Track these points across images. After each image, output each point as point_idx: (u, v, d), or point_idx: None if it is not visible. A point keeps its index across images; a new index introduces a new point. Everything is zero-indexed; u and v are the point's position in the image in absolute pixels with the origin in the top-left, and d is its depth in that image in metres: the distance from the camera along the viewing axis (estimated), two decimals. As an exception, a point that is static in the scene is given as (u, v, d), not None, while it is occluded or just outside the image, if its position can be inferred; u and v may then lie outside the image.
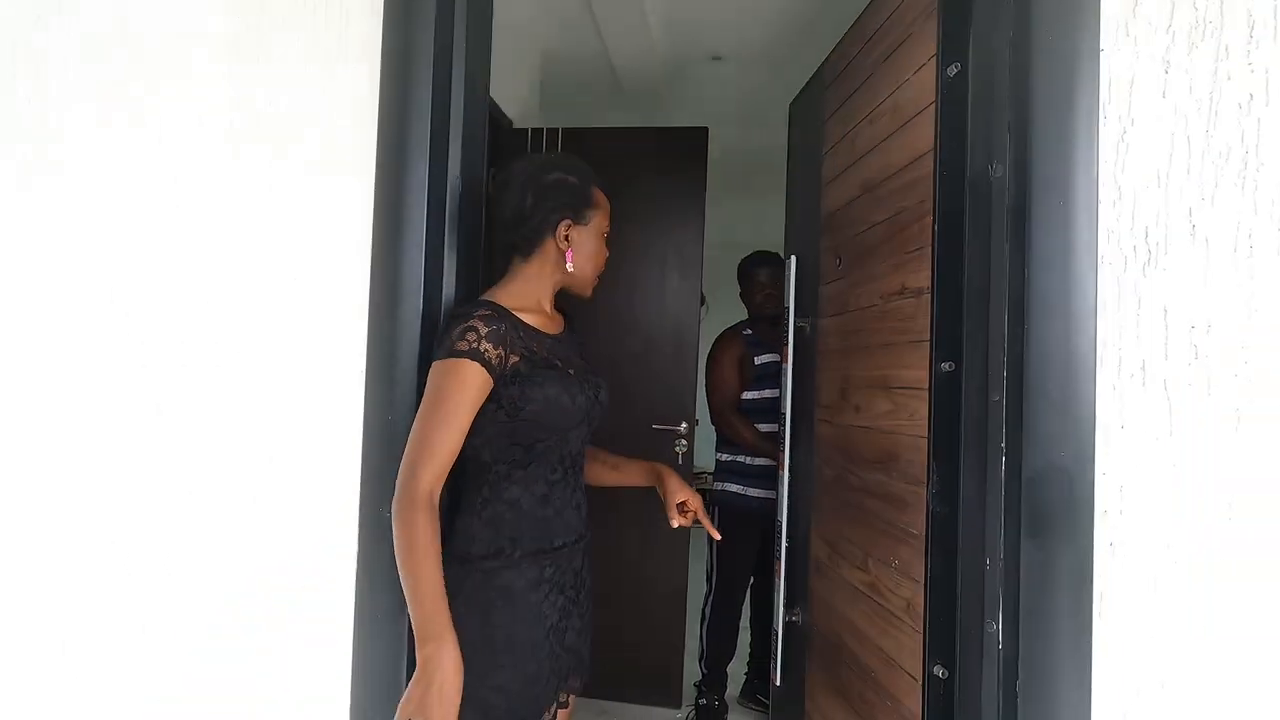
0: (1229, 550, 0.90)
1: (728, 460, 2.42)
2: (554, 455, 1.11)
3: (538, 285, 1.17)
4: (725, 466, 2.42)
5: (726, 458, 2.43)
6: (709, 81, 3.09)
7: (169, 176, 1.13)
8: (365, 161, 1.13)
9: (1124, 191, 0.94)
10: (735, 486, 2.38)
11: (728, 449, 2.43)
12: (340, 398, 1.12)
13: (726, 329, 2.50)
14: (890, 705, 1.31)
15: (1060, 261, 0.95)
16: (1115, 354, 0.93)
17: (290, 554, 1.12)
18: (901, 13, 1.37)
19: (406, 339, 1.10)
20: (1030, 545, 0.94)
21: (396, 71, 1.10)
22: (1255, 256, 0.91)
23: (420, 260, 1.09)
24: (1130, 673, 0.92)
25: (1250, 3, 0.92)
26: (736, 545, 2.32)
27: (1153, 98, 0.94)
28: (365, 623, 1.10)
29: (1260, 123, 0.91)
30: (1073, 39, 0.96)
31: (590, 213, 1.18)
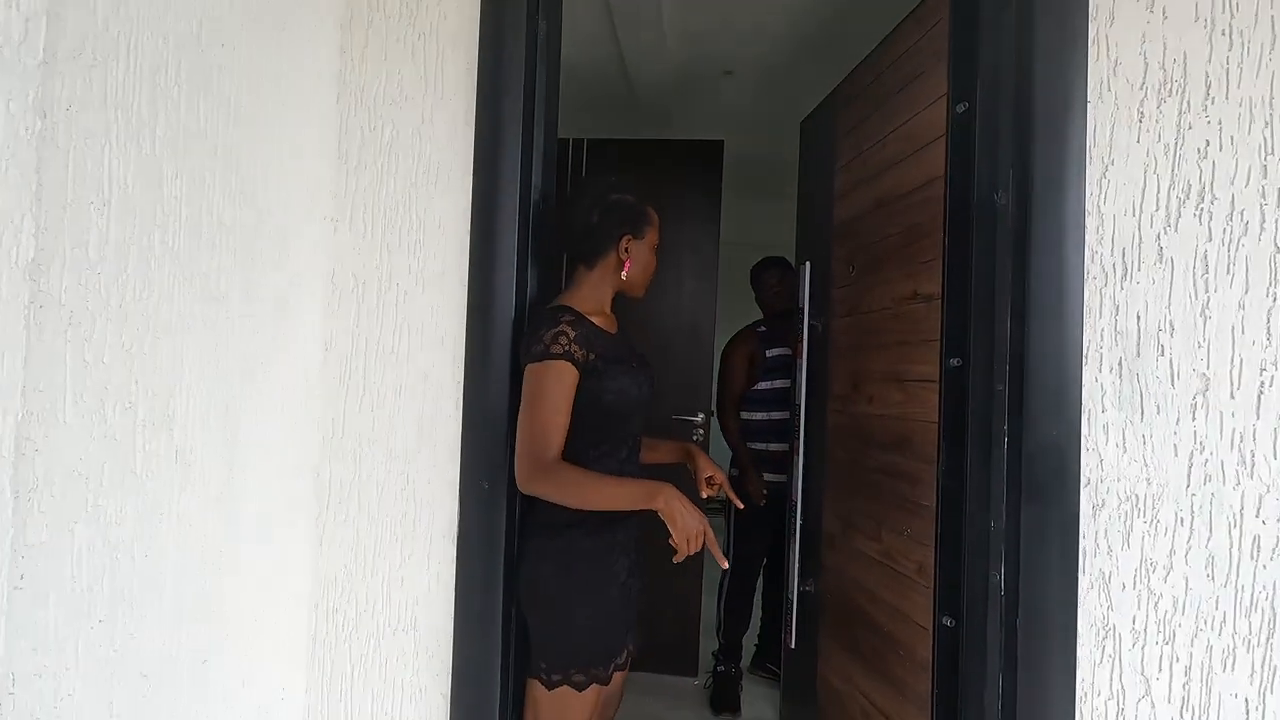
0: (1190, 509, 1.11)
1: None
2: (621, 437, 1.30)
3: (600, 291, 1.35)
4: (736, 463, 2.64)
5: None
6: (720, 95, 3.27)
7: (308, 189, 1.29)
8: (460, 181, 1.30)
9: (1105, 218, 1.15)
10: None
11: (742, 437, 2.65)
12: (441, 389, 1.30)
13: (744, 327, 2.71)
14: (903, 655, 1.51)
15: (1053, 275, 1.15)
16: (1098, 352, 1.14)
17: (404, 516, 1.30)
18: (914, 52, 1.57)
19: (499, 337, 1.28)
20: (1028, 509, 1.15)
21: (491, 108, 1.28)
22: (1210, 273, 1.12)
23: (512, 269, 1.27)
24: (1107, 605, 1.13)
25: (1208, 66, 1.13)
26: (751, 527, 2.53)
27: (1129, 142, 1.14)
28: (465, 564, 1.28)
29: (1215, 165, 1.12)
30: (1065, 91, 1.16)
31: (646, 228, 1.36)
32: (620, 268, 1.34)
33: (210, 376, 1.04)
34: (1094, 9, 1.16)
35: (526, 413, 1.18)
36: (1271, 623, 1.09)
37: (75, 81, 0.81)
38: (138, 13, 0.89)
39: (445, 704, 1.29)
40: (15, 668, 0.77)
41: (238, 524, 1.12)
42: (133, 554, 0.92)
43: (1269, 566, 1.09)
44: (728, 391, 2.62)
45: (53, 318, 0.79)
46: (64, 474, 0.82)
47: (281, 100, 1.19)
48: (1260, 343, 1.10)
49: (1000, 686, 1.17)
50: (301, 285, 1.27)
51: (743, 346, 2.63)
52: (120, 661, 0.91)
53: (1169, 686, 1.12)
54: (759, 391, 2.60)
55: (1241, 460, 1.10)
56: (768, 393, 2.59)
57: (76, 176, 0.81)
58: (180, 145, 0.97)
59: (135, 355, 0.91)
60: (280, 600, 1.26)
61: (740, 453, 2.56)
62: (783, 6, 2.51)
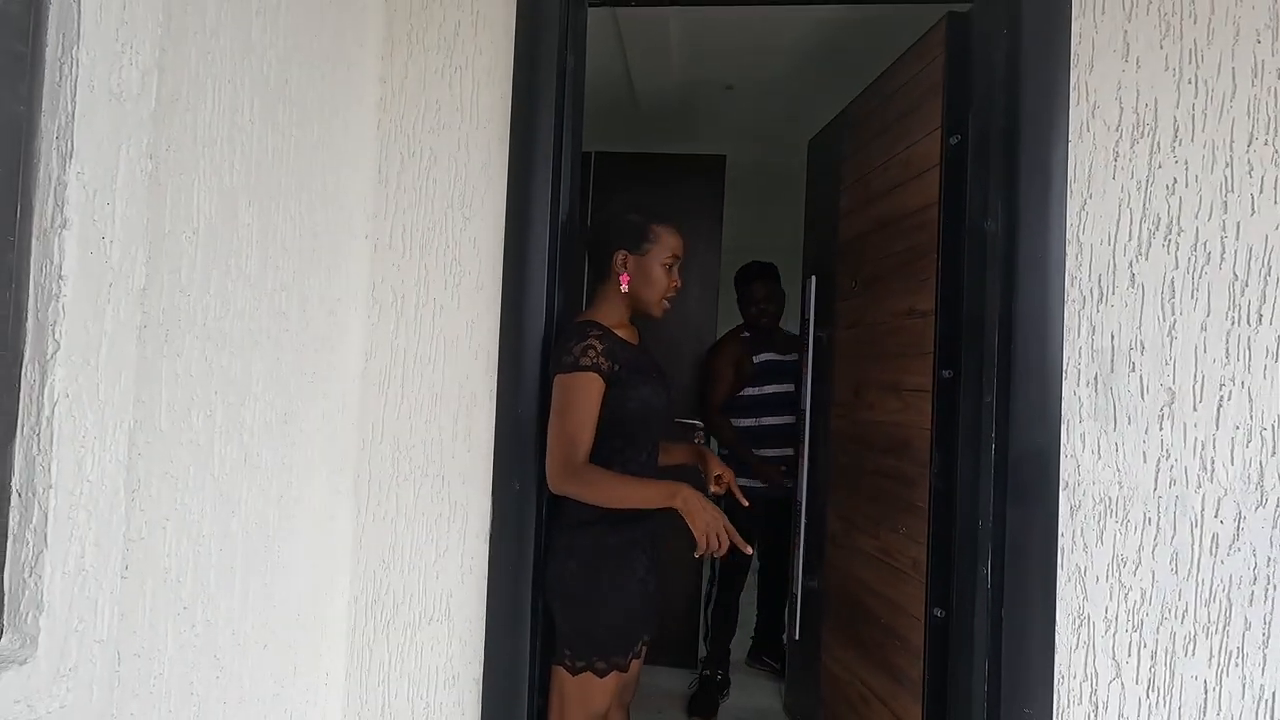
0: (1156, 510, 1.24)
1: (726, 455, 2.62)
2: (642, 441, 1.40)
3: (617, 305, 1.42)
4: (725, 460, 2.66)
5: (726, 453, 2.64)
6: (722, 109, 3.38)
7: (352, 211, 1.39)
8: (494, 203, 1.40)
9: (1083, 247, 1.27)
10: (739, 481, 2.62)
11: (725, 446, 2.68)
12: (474, 397, 1.40)
13: (727, 332, 2.72)
14: (898, 644, 1.63)
15: (1037, 297, 1.27)
16: (1076, 368, 1.26)
17: (439, 516, 1.40)
18: (913, 85, 1.69)
19: (530, 348, 1.38)
20: (1012, 509, 1.27)
21: (523, 136, 1.38)
22: (1176, 298, 1.24)
23: (543, 285, 1.38)
24: (1083, 597, 1.25)
25: (1176, 111, 1.25)
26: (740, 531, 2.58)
27: (1105, 178, 1.26)
28: (497, 559, 1.38)
29: (1181, 200, 1.24)
30: (1049, 130, 1.28)
31: (647, 246, 1.40)
32: (619, 282, 1.40)
33: (273, 387, 1.14)
34: (1075, 57, 1.28)
35: (557, 420, 1.28)
36: (1228, 612, 1.22)
37: (173, 124, 0.90)
38: (220, 59, 0.99)
39: (477, 689, 1.39)
40: (122, 647, 0.86)
41: (292, 521, 1.22)
42: (210, 549, 1.02)
43: (1226, 561, 1.22)
44: (714, 394, 2.62)
45: (153, 336, 0.89)
46: (159, 476, 0.92)
47: (330, 129, 1.28)
48: (1220, 361, 1.23)
49: (986, 671, 1.29)
50: (345, 300, 1.37)
51: (728, 351, 2.64)
52: (200, 646, 1.01)
53: (1137, 670, 1.24)
54: (747, 397, 2.60)
55: (1203, 466, 1.23)
56: (758, 398, 2.59)
57: (173, 210, 0.91)
58: (252, 177, 1.06)
59: (215, 368, 1.00)
60: (325, 592, 1.36)
61: (740, 450, 2.56)
62: (783, 25, 2.62)
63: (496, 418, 1.38)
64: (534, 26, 1.40)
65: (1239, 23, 1.24)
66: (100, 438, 0.79)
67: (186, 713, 0.98)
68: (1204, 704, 1.22)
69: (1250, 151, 1.24)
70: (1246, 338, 1.23)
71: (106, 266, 0.79)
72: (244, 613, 1.10)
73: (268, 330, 1.12)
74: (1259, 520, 1.22)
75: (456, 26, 1.42)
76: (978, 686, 1.31)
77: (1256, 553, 1.22)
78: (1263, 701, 1.21)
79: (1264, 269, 1.23)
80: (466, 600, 1.40)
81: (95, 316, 0.77)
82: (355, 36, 1.35)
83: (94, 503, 0.78)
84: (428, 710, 1.40)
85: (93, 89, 0.76)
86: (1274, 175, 1.23)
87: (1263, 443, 1.22)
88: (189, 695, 0.99)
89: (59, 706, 0.76)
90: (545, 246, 1.39)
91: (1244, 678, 1.21)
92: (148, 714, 0.91)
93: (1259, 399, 1.22)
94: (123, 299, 0.81)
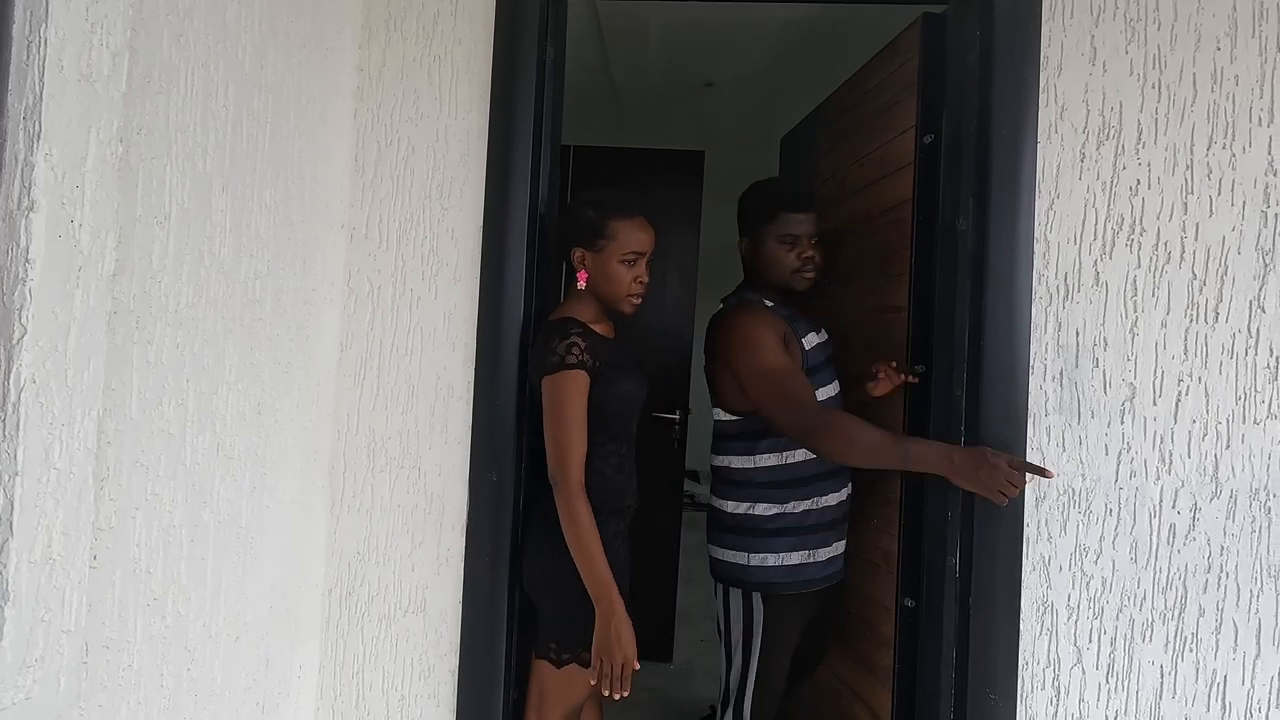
0: (1118, 501, 1.28)
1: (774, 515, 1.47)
2: (623, 434, 1.41)
3: (588, 301, 1.40)
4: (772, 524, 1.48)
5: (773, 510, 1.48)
6: (701, 105, 3.40)
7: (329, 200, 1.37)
8: (472, 195, 1.40)
9: (1050, 246, 1.30)
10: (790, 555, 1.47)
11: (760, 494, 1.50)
12: (451, 388, 1.40)
13: (737, 304, 1.55)
14: (870, 634, 1.66)
15: (1006, 294, 1.30)
16: (1042, 363, 1.30)
17: (415, 508, 1.40)
18: (888, 83, 1.71)
19: (508, 340, 1.38)
20: (980, 501, 1.30)
21: (503, 128, 1.38)
22: (1138, 295, 1.28)
23: (521, 277, 1.38)
24: (1046, 585, 1.29)
25: (1140, 115, 1.29)
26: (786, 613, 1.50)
27: (1072, 179, 1.30)
28: (474, 550, 1.38)
29: (1144, 201, 1.28)
30: (1018, 131, 1.31)
31: (603, 242, 1.34)
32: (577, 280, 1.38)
33: (247, 376, 1.13)
34: (1044, 60, 1.31)
35: (552, 426, 1.27)
36: (1184, 599, 1.27)
37: (145, 108, 0.89)
38: (194, 42, 0.97)
39: (453, 680, 1.39)
40: (89, 638, 0.85)
41: (265, 512, 1.21)
42: (181, 540, 1.00)
43: (1182, 551, 1.27)
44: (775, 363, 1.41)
45: (124, 323, 0.87)
46: (129, 464, 0.90)
47: (307, 116, 1.27)
48: (1179, 357, 1.27)
49: (954, 658, 1.33)
50: (321, 290, 1.35)
51: (765, 322, 1.47)
52: (170, 637, 0.99)
53: (1097, 655, 1.28)
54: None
55: (1161, 459, 1.27)
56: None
57: (145, 194, 0.90)
58: (227, 164, 1.05)
59: (187, 356, 0.99)
60: (299, 584, 1.34)
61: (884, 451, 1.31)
62: (761, 23, 2.64)
63: (474, 409, 1.38)
64: (514, 17, 1.39)
65: (1200, 30, 1.29)
66: (68, 425, 0.77)
67: (157, 704, 0.97)
68: (1160, 688, 1.27)
69: (1209, 155, 1.28)
70: (1204, 335, 1.27)
71: (75, 251, 0.77)
72: (216, 604, 1.09)
73: (241, 319, 1.11)
74: (1214, 511, 1.26)
75: (435, 16, 1.41)
76: (945, 674, 1.34)
77: (1211, 542, 1.26)
78: (1215, 685, 1.26)
79: (1221, 269, 1.27)
80: (443, 592, 1.40)
81: (64, 301, 0.76)
82: (333, 23, 1.34)
83: (62, 491, 0.77)
84: (402, 702, 1.40)
85: (62, 69, 0.74)
86: (1231, 178, 1.27)
87: (1218, 436, 1.26)
88: (159, 687, 0.97)
89: (24, 698, 0.75)
90: (524, 239, 1.38)
91: (1198, 662, 1.26)
92: (116, 706, 0.90)
93: (1215, 394, 1.27)
94: (92, 284, 0.79)
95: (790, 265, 1.54)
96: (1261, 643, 1.25)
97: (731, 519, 1.53)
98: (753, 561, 1.48)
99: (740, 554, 1.50)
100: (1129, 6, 1.30)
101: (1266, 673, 1.25)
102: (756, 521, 1.50)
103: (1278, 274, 1.26)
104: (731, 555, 1.52)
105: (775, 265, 1.55)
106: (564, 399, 1.27)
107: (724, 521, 1.54)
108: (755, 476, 1.51)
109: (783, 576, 1.47)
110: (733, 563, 1.51)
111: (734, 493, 1.53)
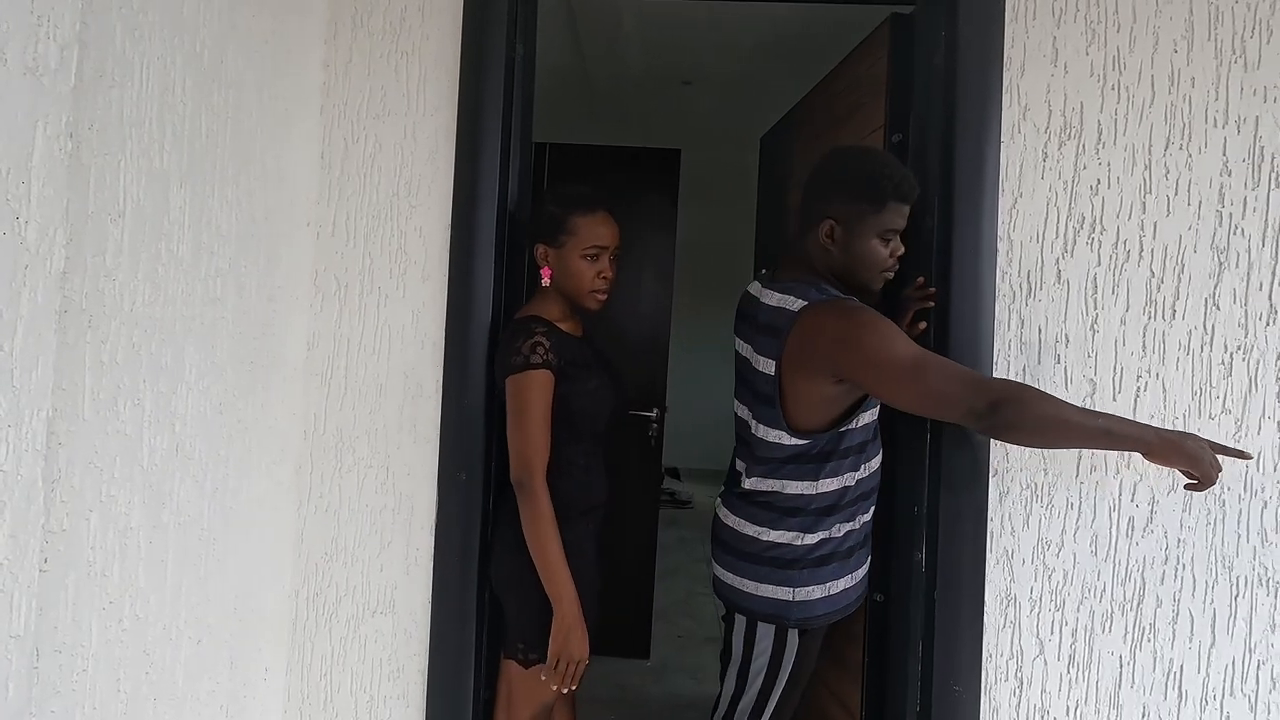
0: (1079, 495, 1.30)
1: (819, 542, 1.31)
2: (591, 434, 1.41)
3: (554, 299, 1.38)
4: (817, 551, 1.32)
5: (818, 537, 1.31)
6: (678, 104, 3.41)
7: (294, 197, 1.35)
8: (441, 193, 1.39)
9: (1014, 244, 1.32)
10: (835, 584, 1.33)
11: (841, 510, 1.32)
12: (420, 387, 1.39)
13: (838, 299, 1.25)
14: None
15: (971, 292, 1.32)
16: (1006, 359, 1.32)
17: (383, 508, 1.39)
18: (859, 83, 1.72)
19: (477, 339, 1.37)
20: (946, 495, 1.32)
21: (471, 126, 1.37)
22: (1098, 293, 1.31)
23: (490, 275, 1.37)
24: (1010, 578, 1.31)
25: (1100, 116, 1.31)
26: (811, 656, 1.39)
27: (1034, 179, 1.32)
28: (443, 550, 1.38)
29: (1104, 201, 1.31)
30: (983, 131, 1.33)
31: (564, 238, 1.33)
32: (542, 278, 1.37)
33: (208, 375, 1.11)
34: (1008, 60, 1.33)
35: (516, 426, 1.27)
36: (1142, 590, 1.29)
37: (97, 102, 0.87)
38: (149, 36, 0.95)
39: (422, 680, 1.38)
40: (40, 643, 0.83)
41: (229, 514, 1.19)
42: (138, 542, 0.99)
43: (1140, 543, 1.29)
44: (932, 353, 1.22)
45: (75, 322, 0.86)
46: (82, 466, 0.89)
47: (271, 112, 1.25)
48: (1138, 353, 1.30)
49: (920, 651, 1.34)
50: (287, 288, 1.34)
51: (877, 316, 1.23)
52: (128, 641, 0.98)
53: (1059, 647, 1.30)
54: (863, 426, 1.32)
55: (1120, 453, 1.29)
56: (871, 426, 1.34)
57: (97, 191, 0.88)
58: (185, 159, 1.03)
59: (144, 355, 0.97)
60: (265, 585, 1.33)
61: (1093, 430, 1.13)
62: (739, 22, 2.65)
63: (443, 408, 1.37)
64: (482, 14, 1.39)
65: (1158, 33, 1.31)
66: (15, 426, 0.76)
67: (113, 709, 0.96)
68: (1119, 677, 1.29)
69: (1167, 155, 1.30)
70: (1161, 332, 1.30)
71: (22, 248, 0.76)
72: (176, 607, 1.07)
73: (202, 317, 1.09)
74: (1170, 504, 1.29)
75: (403, 12, 1.40)
76: (912, 667, 1.36)
77: (1168, 534, 1.29)
78: (1171, 674, 1.29)
79: (1178, 267, 1.30)
80: (412, 592, 1.39)
81: (10, 300, 0.74)
82: (296, 19, 1.32)
83: (9, 493, 0.75)
84: (371, 703, 1.39)
85: (6, 63, 0.73)
86: (1188, 178, 1.30)
87: (1175, 431, 1.29)
88: (115, 692, 0.96)
89: (-30, 704, 0.73)
90: (493, 237, 1.38)
91: (1155, 652, 1.29)
92: (70, 711, 0.88)
93: (1172, 389, 1.29)
94: (40, 282, 0.78)
95: (883, 264, 1.29)
96: (1216, 632, 1.28)
97: (770, 549, 1.31)
98: (798, 597, 1.30)
99: (784, 589, 1.30)
100: (1089, 9, 1.32)
101: (1221, 661, 1.28)
102: (800, 551, 1.30)
103: (1232, 272, 1.29)
104: (771, 590, 1.31)
105: (868, 261, 1.28)
106: (528, 399, 1.27)
107: (756, 552, 1.33)
108: (812, 503, 1.30)
109: (825, 608, 1.32)
110: (772, 598, 1.31)
111: (778, 521, 1.31)
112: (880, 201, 1.25)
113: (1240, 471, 1.28)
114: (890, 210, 1.25)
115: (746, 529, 1.34)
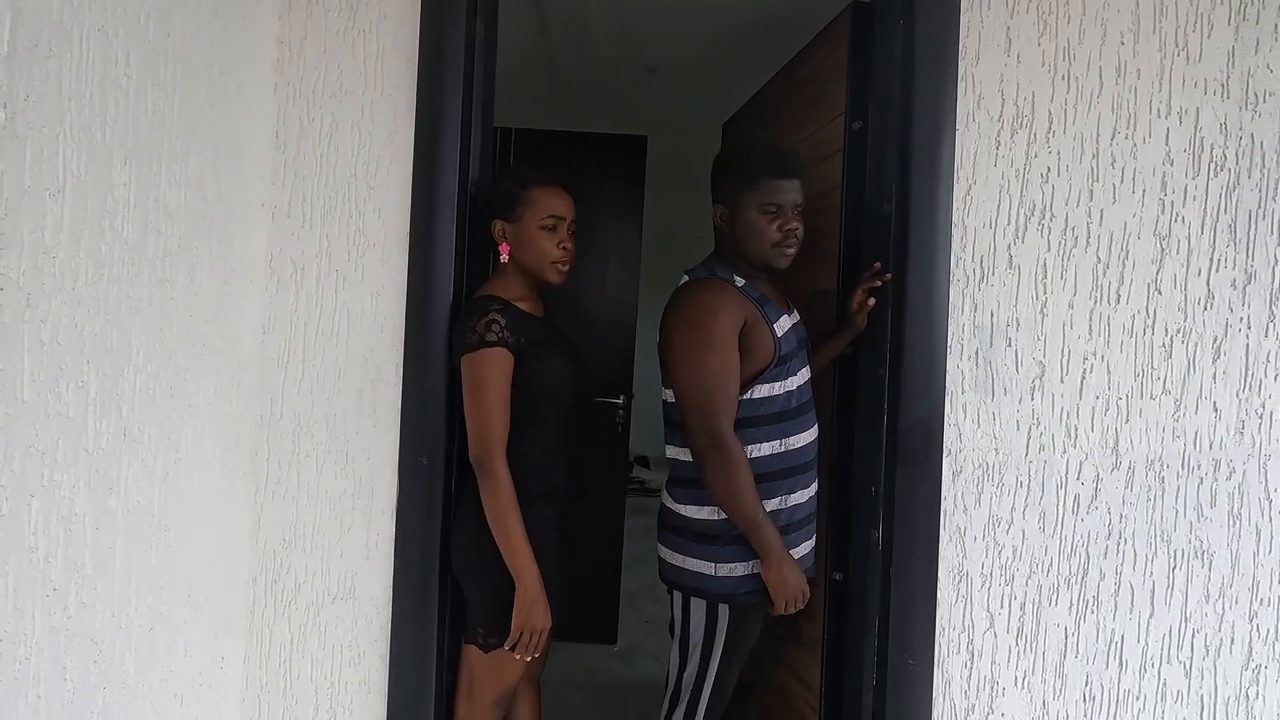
0: (1028, 473, 1.34)
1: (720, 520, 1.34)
2: (553, 415, 1.41)
3: (514, 277, 1.38)
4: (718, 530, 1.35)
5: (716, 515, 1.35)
6: (644, 90, 3.40)
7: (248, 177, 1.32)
8: (400, 173, 1.37)
9: (968, 230, 1.35)
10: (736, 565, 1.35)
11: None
12: (380, 370, 1.37)
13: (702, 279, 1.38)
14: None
15: (926, 277, 1.35)
16: (959, 343, 1.35)
17: (343, 493, 1.37)
18: (820, 71, 1.74)
19: (437, 322, 1.36)
20: (901, 474, 1.35)
21: (430, 105, 1.35)
22: (1048, 278, 1.35)
23: (450, 257, 1.36)
24: (962, 555, 1.35)
25: (1051, 105, 1.35)
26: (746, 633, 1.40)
27: (987, 166, 1.35)
28: (404, 535, 1.37)
29: (1054, 188, 1.34)
30: (938, 119, 1.35)
31: (521, 210, 1.34)
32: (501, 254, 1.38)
33: (157, 358, 1.08)
34: (963, 49, 1.36)
35: (473, 405, 1.27)
36: (1086, 565, 1.34)
37: (32, 72, 0.84)
38: (88, 5, 0.92)
39: (383, 666, 1.37)
40: (-21, 631, 0.81)
41: (181, 499, 1.17)
42: (84, 527, 0.96)
43: (1085, 520, 1.34)
44: (718, 382, 1.30)
45: (11, 300, 0.83)
46: (22, 450, 0.86)
47: (222, 88, 1.22)
48: (1084, 336, 1.34)
49: (876, 626, 1.38)
50: (241, 270, 1.31)
51: (729, 306, 1.32)
52: (74, 629, 0.95)
53: (1008, 620, 1.35)
54: (761, 400, 1.34)
55: (1068, 433, 1.34)
56: (777, 401, 1.35)
57: (34, 165, 0.85)
58: (129, 134, 1.00)
59: (87, 336, 0.95)
60: (220, 572, 1.31)
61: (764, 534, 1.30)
62: (704, 7, 2.64)
63: (403, 392, 1.36)
64: (441, -8, 1.36)
65: (1106, 25, 1.35)
66: (-52, 406, 0.73)
67: (60, 699, 0.93)
68: (1064, 648, 1.35)
69: (1113, 144, 1.35)
70: (1107, 316, 1.34)
71: (-48, 222, 0.73)
72: (126, 594, 1.05)
73: (150, 298, 1.06)
74: (1114, 481, 1.34)
75: (360, -12, 1.37)
76: (869, 642, 1.39)
77: (1111, 511, 1.34)
78: (1113, 644, 1.34)
79: (1123, 253, 1.34)
80: (373, 578, 1.38)
81: (-61, 275, 0.72)
82: (248, -9, 1.29)
83: (-58, 476, 0.73)
84: (332, 689, 1.38)
85: (-69, 27, 0.70)
86: (1133, 167, 1.34)
87: (1118, 411, 1.34)
88: (61, 681, 0.94)
89: (-96, 693, 0.71)
90: (453, 219, 1.36)
91: (1098, 623, 1.34)
92: (12, 700, 0.86)
93: (1116, 371, 1.34)
94: (-28, 258, 0.75)
95: (772, 238, 1.35)
96: (1155, 603, 1.34)
97: (692, 524, 1.37)
98: (719, 572, 1.35)
99: (706, 564, 1.36)
100: (1042, 0, 1.35)
101: (1159, 631, 1.34)
102: (719, 527, 1.34)
103: (1173, 258, 1.34)
104: (695, 564, 1.37)
105: (755, 238, 1.36)
106: (484, 377, 1.26)
107: (682, 527, 1.38)
108: None
109: (751, 585, 1.34)
110: (696, 572, 1.37)
111: (693, 495, 1.36)
112: (754, 176, 1.35)
113: (1180, 450, 1.33)
114: (767, 186, 1.35)
115: (674, 505, 1.42)
